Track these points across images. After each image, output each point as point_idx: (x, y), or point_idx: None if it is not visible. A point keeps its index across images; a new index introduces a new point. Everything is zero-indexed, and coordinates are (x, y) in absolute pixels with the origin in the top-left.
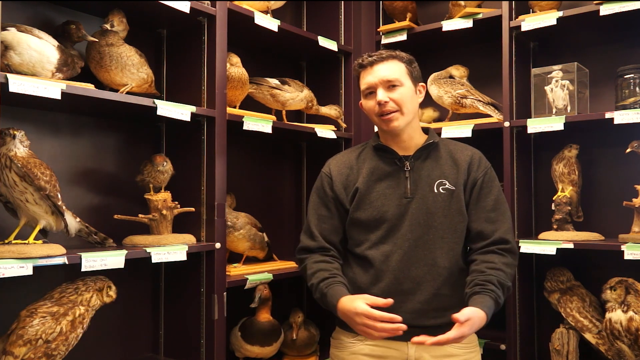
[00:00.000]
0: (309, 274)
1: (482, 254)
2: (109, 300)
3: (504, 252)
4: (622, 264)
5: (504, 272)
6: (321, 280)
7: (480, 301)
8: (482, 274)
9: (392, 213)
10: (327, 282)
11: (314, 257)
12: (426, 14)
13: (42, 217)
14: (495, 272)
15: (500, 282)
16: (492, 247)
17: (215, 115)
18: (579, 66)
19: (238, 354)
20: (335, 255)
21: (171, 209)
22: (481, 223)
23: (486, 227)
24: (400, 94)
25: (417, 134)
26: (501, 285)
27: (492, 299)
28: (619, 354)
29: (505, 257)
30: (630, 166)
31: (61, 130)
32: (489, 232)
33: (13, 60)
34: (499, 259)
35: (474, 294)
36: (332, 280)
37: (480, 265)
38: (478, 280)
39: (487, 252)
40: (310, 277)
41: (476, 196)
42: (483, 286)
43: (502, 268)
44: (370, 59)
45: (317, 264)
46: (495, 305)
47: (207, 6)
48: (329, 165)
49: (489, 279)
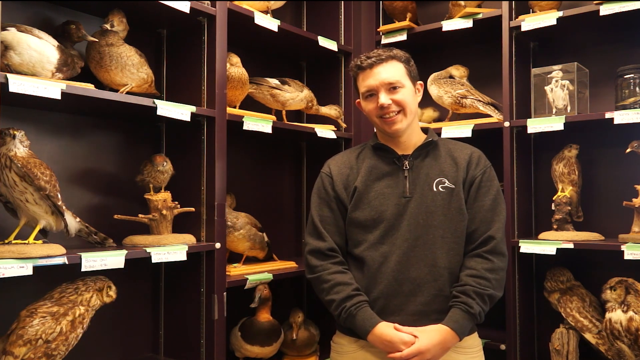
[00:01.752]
0: (325, 287)
1: (468, 258)
2: (109, 300)
3: (489, 255)
4: (622, 264)
5: (485, 279)
6: (345, 299)
7: (449, 317)
8: (459, 284)
9: (390, 212)
10: (353, 301)
11: (327, 266)
12: (426, 14)
13: (42, 217)
14: (474, 280)
15: (478, 291)
16: (478, 249)
17: (215, 115)
18: (579, 66)
19: (238, 354)
20: (343, 261)
21: (171, 209)
22: (476, 223)
23: (480, 228)
24: (402, 95)
25: (416, 134)
26: (478, 295)
27: (462, 311)
28: (619, 354)
29: (490, 262)
30: (630, 166)
31: (61, 130)
32: (481, 232)
33: (13, 60)
34: (482, 265)
35: (449, 309)
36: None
37: (462, 272)
38: (454, 291)
39: (472, 257)
40: (328, 291)
41: (474, 195)
42: (455, 298)
43: (484, 275)
44: (369, 61)
45: (333, 275)
46: (468, 317)
47: (207, 6)
48: (328, 166)
49: (464, 289)
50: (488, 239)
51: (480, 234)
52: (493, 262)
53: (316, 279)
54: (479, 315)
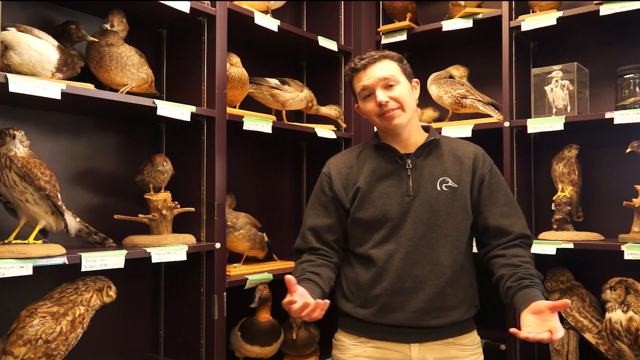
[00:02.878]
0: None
1: (507, 248)
2: (109, 300)
3: (527, 247)
4: (622, 264)
5: (533, 265)
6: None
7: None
8: (521, 268)
9: (394, 212)
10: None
11: (301, 257)
12: (426, 14)
13: (42, 217)
14: (531, 265)
15: (538, 274)
16: (516, 240)
17: (215, 115)
18: (579, 66)
19: (238, 354)
20: (325, 254)
21: (171, 209)
22: (497, 219)
23: (503, 222)
24: (399, 91)
25: (417, 132)
26: (538, 276)
27: (540, 292)
28: (619, 354)
29: (529, 251)
30: (630, 166)
31: (61, 130)
32: (508, 226)
33: (13, 60)
34: (526, 253)
35: (524, 288)
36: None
37: (512, 259)
38: (521, 274)
39: (513, 246)
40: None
41: (487, 193)
42: (530, 279)
43: (531, 261)
44: (362, 62)
45: (302, 264)
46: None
47: (207, 6)
48: (328, 165)
49: (531, 272)
50: (524, 236)
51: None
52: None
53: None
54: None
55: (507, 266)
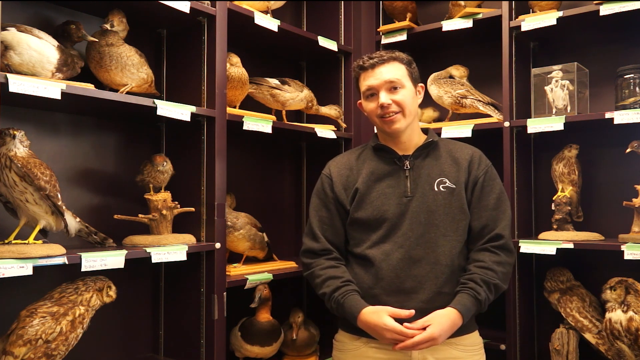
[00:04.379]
0: (318, 282)
1: (476, 252)
2: (109, 300)
3: (497, 250)
4: (622, 264)
5: (492, 270)
6: (334, 290)
7: (456, 300)
8: (467, 273)
9: (392, 212)
10: (341, 291)
11: (320, 262)
12: (426, 14)
13: (42, 217)
14: (482, 270)
15: (485, 280)
16: (486, 244)
17: (215, 115)
18: (579, 66)
19: (238, 354)
20: (338, 257)
21: (171, 209)
22: (482, 221)
23: (486, 226)
24: (402, 95)
25: (416, 134)
26: (485, 283)
27: (470, 296)
28: (619, 354)
29: (498, 255)
30: (630, 166)
31: (61, 130)
32: (488, 230)
33: (13, 60)
34: (489, 257)
35: (457, 293)
36: (346, 288)
37: (470, 264)
38: (462, 279)
39: (480, 251)
40: (320, 285)
41: (478, 195)
42: (463, 285)
43: (491, 267)
44: (371, 61)
45: (325, 270)
46: (475, 302)
47: (207, 6)
48: (329, 167)
49: (472, 277)
50: (496, 236)
51: (487, 232)
52: (500, 255)
53: (310, 275)
54: (484, 302)
55: (464, 272)
